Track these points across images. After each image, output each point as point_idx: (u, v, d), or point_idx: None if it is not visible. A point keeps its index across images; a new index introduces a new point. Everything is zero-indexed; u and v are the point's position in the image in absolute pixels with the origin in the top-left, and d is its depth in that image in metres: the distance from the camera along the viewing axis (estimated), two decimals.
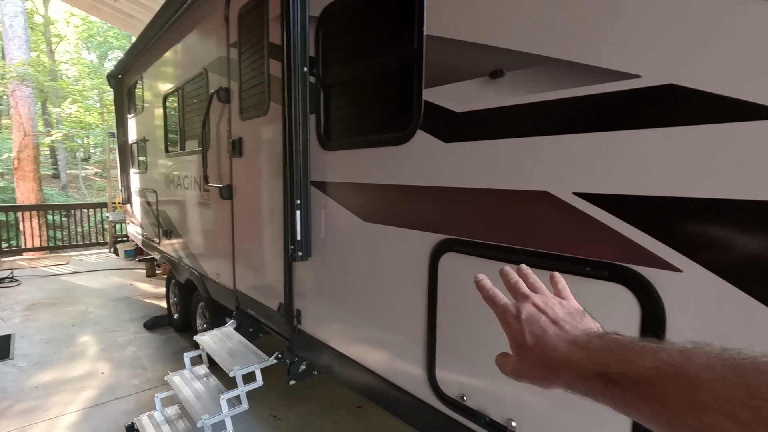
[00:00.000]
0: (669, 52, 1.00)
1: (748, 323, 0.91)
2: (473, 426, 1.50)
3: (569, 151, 1.19)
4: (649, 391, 0.41)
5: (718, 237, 0.95)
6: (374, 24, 1.88)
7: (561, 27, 1.19)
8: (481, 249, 1.44)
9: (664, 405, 0.40)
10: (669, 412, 0.40)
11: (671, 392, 0.40)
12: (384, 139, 1.81)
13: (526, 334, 0.57)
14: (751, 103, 0.89)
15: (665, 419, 0.41)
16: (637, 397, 0.43)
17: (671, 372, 0.41)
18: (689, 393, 0.39)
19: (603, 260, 1.13)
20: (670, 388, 0.40)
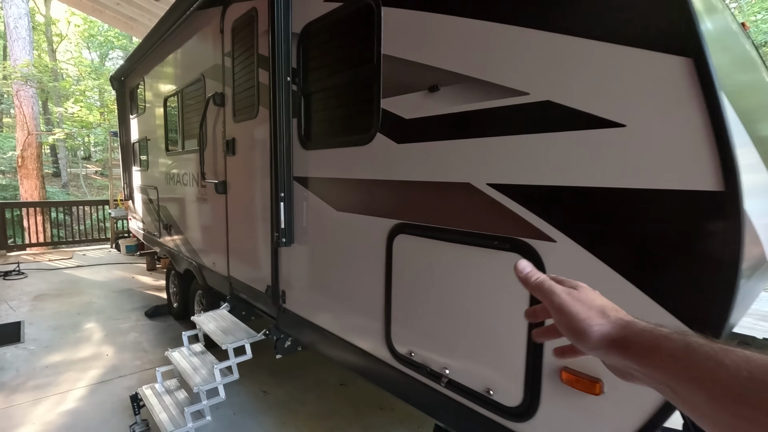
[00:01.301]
0: (547, 77, 1.32)
1: (598, 281, 1.23)
2: (419, 376, 1.83)
3: (484, 151, 1.51)
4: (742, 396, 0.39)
5: (577, 215, 1.27)
6: (343, 42, 2.20)
7: (478, 53, 1.51)
8: (424, 230, 1.76)
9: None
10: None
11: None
12: (351, 140, 2.13)
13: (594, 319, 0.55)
14: (598, 116, 1.21)
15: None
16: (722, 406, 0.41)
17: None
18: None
19: (506, 235, 1.46)
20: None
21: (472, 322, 1.59)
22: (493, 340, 1.52)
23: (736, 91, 1.25)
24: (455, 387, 1.67)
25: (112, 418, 3.21)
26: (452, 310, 1.67)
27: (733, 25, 1.94)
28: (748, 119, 1.32)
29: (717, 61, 1.10)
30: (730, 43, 1.60)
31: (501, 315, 1.49)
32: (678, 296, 1.09)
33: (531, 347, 1.41)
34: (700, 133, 1.02)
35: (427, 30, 1.70)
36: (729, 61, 1.40)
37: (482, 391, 1.57)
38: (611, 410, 1.23)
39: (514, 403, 1.47)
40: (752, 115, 1.41)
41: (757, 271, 1.38)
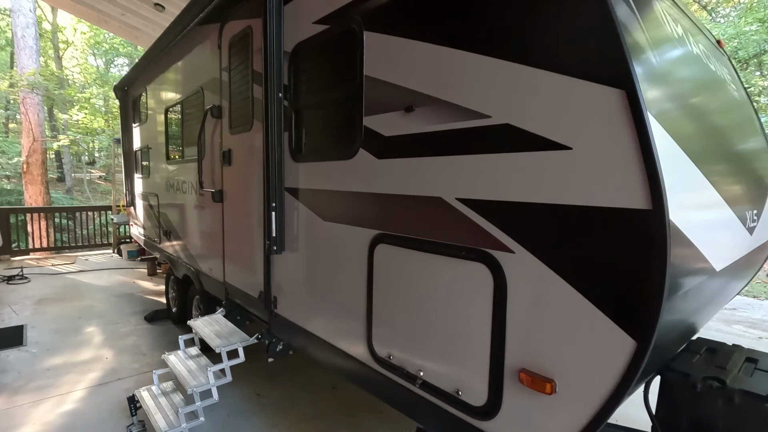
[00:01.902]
0: (507, 102, 1.44)
1: (549, 289, 1.35)
2: (396, 378, 1.94)
3: (453, 168, 1.63)
4: None
5: (532, 228, 1.39)
6: (330, 62, 2.34)
7: (447, 77, 1.64)
8: (401, 241, 1.89)
9: None
10: None
11: None
12: (337, 154, 2.26)
13: None
14: (549, 139, 1.33)
15: None
16: None
17: None
18: None
19: (472, 246, 1.57)
20: None
21: (443, 326, 1.71)
22: (461, 344, 1.64)
23: (677, 117, 1.37)
24: (428, 388, 1.78)
25: (109, 419, 3.32)
26: (425, 315, 1.79)
27: (696, 49, 2.06)
28: (692, 141, 1.44)
29: (656, 91, 1.23)
30: (682, 71, 1.72)
31: (467, 320, 1.61)
32: (615, 301, 1.20)
33: (494, 350, 1.52)
34: (632, 157, 1.14)
35: (403, 54, 1.83)
36: (674, 89, 1.52)
37: (452, 391, 1.68)
38: (562, 408, 1.34)
39: (480, 402, 1.58)
40: (698, 137, 1.54)
41: (704, 280, 1.50)
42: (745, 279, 2.74)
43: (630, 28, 1.27)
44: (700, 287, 1.49)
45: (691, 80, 1.80)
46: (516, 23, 1.42)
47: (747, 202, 2.00)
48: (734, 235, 1.81)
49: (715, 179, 1.58)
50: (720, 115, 2.00)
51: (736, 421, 1.91)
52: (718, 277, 1.72)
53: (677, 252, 1.16)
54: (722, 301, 2.54)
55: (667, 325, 1.26)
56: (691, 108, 1.63)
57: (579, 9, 1.24)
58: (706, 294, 1.72)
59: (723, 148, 1.87)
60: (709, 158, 1.60)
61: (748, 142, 2.38)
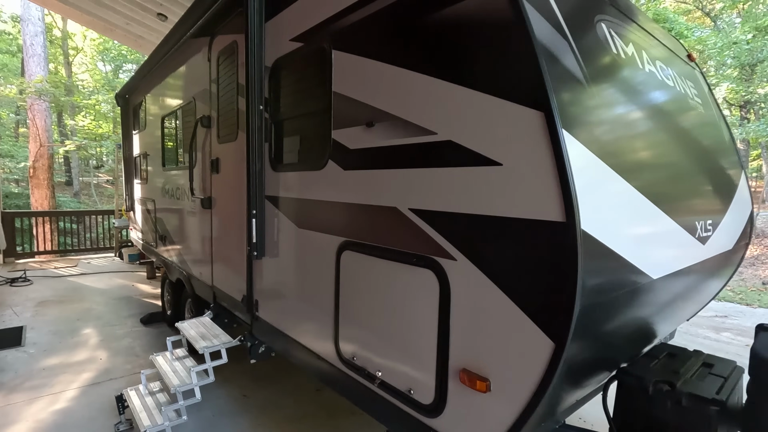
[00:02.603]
0: (450, 120, 1.55)
1: (484, 293, 1.45)
2: (359, 378, 2.04)
3: (406, 180, 1.74)
4: None
5: (470, 237, 1.49)
6: (304, 78, 2.46)
7: (401, 96, 1.75)
8: (363, 248, 1.99)
9: None
10: None
11: None
12: (310, 165, 2.38)
13: None
14: (484, 156, 1.44)
15: None
16: None
17: None
18: None
19: (422, 254, 1.68)
20: None
21: (398, 329, 1.81)
22: (413, 345, 1.74)
23: (605, 135, 1.48)
24: (386, 387, 1.88)
25: (99, 417, 3.44)
26: (383, 319, 1.89)
27: (649, 66, 2.16)
28: (624, 157, 1.54)
29: (580, 112, 1.33)
30: (620, 89, 1.81)
31: (418, 323, 1.71)
32: (536, 305, 1.30)
33: (440, 352, 1.62)
34: (549, 173, 1.24)
35: (366, 73, 1.95)
36: (606, 108, 1.63)
37: (405, 390, 1.78)
38: (496, 405, 1.44)
39: (428, 401, 1.68)
40: (633, 153, 1.64)
41: (637, 287, 1.59)
42: (710, 286, 2.81)
43: (556, 54, 1.38)
44: (633, 294, 1.58)
45: (632, 97, 1.89)
46: (457, 48, 1.54)
47: (696, 213, 2.09)
48: (679, 245, 1.90)
49: (653, 193, 1.68)
50: (669, 130, 2.10)
51: (684, 422, 2.00)
52: (661, 285, 1.81)
53: (593, 260, 1.26)
54: (684, 307, 2.62)
55: (591, 328, 1.35)
56: (628, 125, 1.73)
57: (505, 38, 1.35)
58: (649, 301, 1.81)
59: (667, 164, 1.96)
60: (646, 173, 1.70)
61: (705, 157, 2.47)
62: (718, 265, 2.60)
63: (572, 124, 1.31)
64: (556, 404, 1.66)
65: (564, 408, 1.96)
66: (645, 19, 2.63)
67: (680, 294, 2.30)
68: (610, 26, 1.93)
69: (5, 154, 18.77)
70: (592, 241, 1.25)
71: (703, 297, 2.94)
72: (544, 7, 1.44)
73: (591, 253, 1.25)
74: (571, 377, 1.47)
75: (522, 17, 1.30)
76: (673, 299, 2.22)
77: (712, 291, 3.01)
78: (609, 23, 1.94)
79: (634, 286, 1.56)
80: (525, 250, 1.33)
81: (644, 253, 1.57)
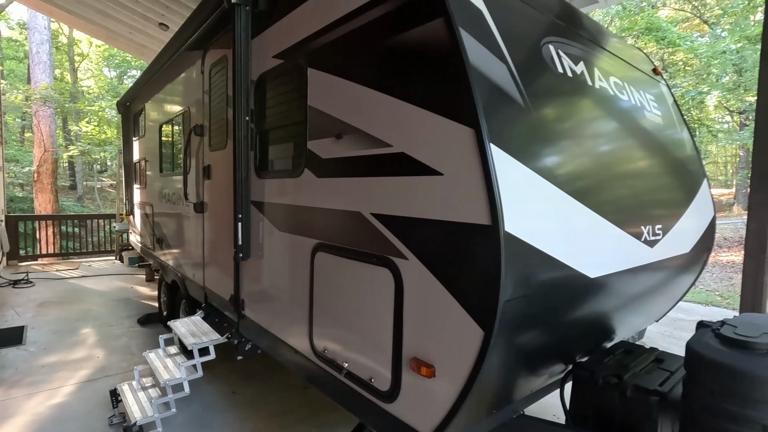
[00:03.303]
0: (402, 133, 1.74)
1: (428, 287, 1.62)
2: (329, 369, 2.21)
3: (368, 187, 1.92)
4: None
5: (418, 238, 1.67)
6: (284, 92, 2.66)
7: (364, 111, 1.94)
8: (333, 249, 2.17)
9: None
10: None
11: None
12: (289, 172, 2.57)
13: None
14: (429, 166, 1.62)
15: None
16: None
17: None
18: None
19: (380, 254, 1.86)
20: None
21: (361, 323, 1.99)
22: (373, 337, 1.91)
23: (538, 148, 1.65)
24: (351, 377, 2.05)
25: (94, 411, 3.61)
26: (349, 314, 2.07)
27: (600, 83, 2.34)
28: (559, 168, 1.72)
29: (511, 128, 1.51)
30: (560, 104, 1.99)
31: (378, 317, 1.88)
32: (470, 298, 1.48)
33: (395, 342, 1.79)
34: (478, 182, 1.42)
35: (335, 89, 2.14)
36: (541, 123, 1.80)
37: (367, 379, 1.95)
38: (439, 388, 1.61)
39: (386, 387, 1.85)
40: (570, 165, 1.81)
41: (572, 284, 1.76)
42: (672, 287, 2.97)
43: (490, 77, 1.56)
44: (569, 290, 1.75)
45: (573, 112, 2.07)
46: (407, 70, 1.72)
47: (641, 218, 2.26)
48: (619, 247, 2.06)
49: (589, 199, 1.85)
50: (615, 141, 2.27)
51: (628, 411, 2.16)
52: (603, 284, 1.98)
53: (517, 258, 1.43)
54: (645, 307, 2.78)
55: (522, 319, 1.52)
56: (565, 138, 1.91)
57: (444, 63, 1.54)
58: (592, 298, 1.97)
59: (608, 172, 2.14)
60: (583, 182, 1.87)
61: (657, 165, 2.64)
62: (675, 268, 2.77)
63: (502, 138, 1.48)
64: (500, 390, 1.83)
65: (518, 397, 2.12)
66: (607, 39, 2.81)
67: (634, 294, 2.47)
68: (560, 47, 2.12)
69: (10, 158, 19.10)
70: (517, 241, 1.42)
71: (666, 298, 3.10)
72: (483, 35, 1.62)
73: (515, 251, 1.42)
74: (509, 364, 1.63)
75: (457, 45, 1.48)
76: (625, 298, 2.38)
77: (676, 292, 3.17)
78: (559, 44, 2.12)
79: (569, 283, 1.73)
80: (461, 250, 1.50)
81: (577, 253, 1.74)
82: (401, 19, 1.73)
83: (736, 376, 1.76)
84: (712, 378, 1.85)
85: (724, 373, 1.80)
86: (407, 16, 1.70)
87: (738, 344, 1.84)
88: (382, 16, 1.83)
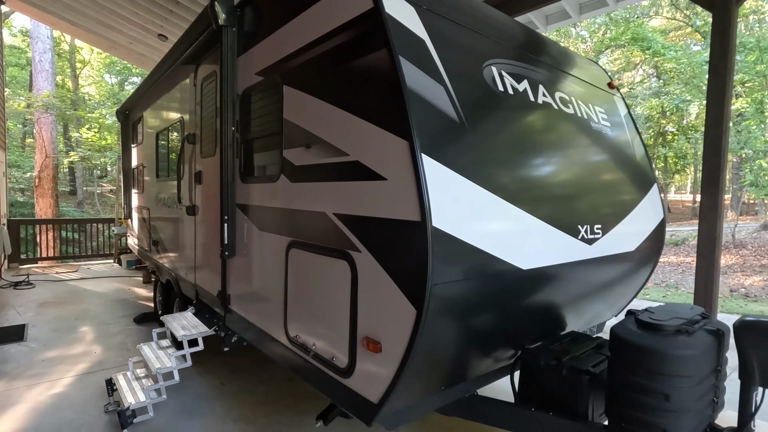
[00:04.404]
0: (356, 144, 2.03)
1: (377, 275, 1.90)
2: (300, 352, 2.49)
3: (331, 190, 2.21)
4: None
5: (368, 234, 1.95)
6: (264, 106, 2.95)
7: (328, 124, 2.23)
8: (303, 245, 2.46)
9: None
10: None
11: None
12: (268, 177, 2.86)
13: None
14: (377, 172, 1.91)
15: None
16: None
17: None
18: None
19: (340, 248, 2.14)
20: None
21: (325, 309, 2.26)
22: (334, 321, 2.19)
23: (467, 156, 1.94)
24: (317, 358, 2.32)
25: (91, 400, 3.88)
26: (315, 301, 2.35)
27: (543, 98, 2.64)
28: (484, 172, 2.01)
29: (443, 140, 1.80)
30: (495, 117, 2.28)
31: (338, 303, 2.16)
32: (407, 283, 1.76)
33: (351, 324, 2.07)
34: (412, 185, 1.71)
35: (305, 104, 2.44)
36: (474, 135, 2.09)
37: (330, 358, 2.23)
38: (385, 362, 1.88)
39: (344, 365, 2.12)
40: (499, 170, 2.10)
41: (503, 274, 2.04)
42: (622, 283, 3.25)
43: (426, 97, 1.85)
44: (501, 280, 2.03)
45: (510, 124, 2.35)
46: (360, 89, 2.02)
47: (577, 218, 2.54)
48: (553, 243, 2.34)
49: (521, 201, 2.14)
50: (554, 149, 2.56)
51: (564, 390, 2.43)
52: (538, 276, 2.26)
53: (444, 250, 1.71)
54: (595, 301, 3.06)
55: (453, 302, 1.80)
56: (499, 147, 2.20)
57: (386, 85, 1.83)
58: (528, 288, 2.26)
59: (544, 178, 2.42)
60: (515, 185, 2.15)
61: (600, 171, 2.93)
62: (619, 265, 3.04)
63: (435, 149, 1.77)
64: (444, 367, 2.10)
65: (470, 377, 2.40)
66: (560, 58, 3.11)
67: (578, 286, 2.74)
68: (503, 68, 2.42)
69: (12, 164, 19.43)
70: (444, 234, 1.70)
71: (617, 293, 3.37)
72: (422, 62, 1.92)
73: (442, 243, 1.70)
74: (447, 343, 1.91)
75: (396, 71, 1.77)
76: (569, 290, 2.66)
77: (627, 288, 3.44)
78: (502, 65, 2.42)
79: (501, 273, 2.01)
80: (400, 242, 1.78)
81: (508, 246, 2.02)
82: (355, 48, 2.03)
83: (645, 353, 2.04)
84: (627, 356, 2.13)
85: (636, 351, 2.08)
86: (359, 45, 2.00)
87: (650, 327, 2.13)
88: (341, 44, 2.13)
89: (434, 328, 1.77)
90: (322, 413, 2.60)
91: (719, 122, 3.74)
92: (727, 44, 3.70)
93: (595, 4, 5.56)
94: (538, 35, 3.20)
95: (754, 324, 2.00)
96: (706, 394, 2.08)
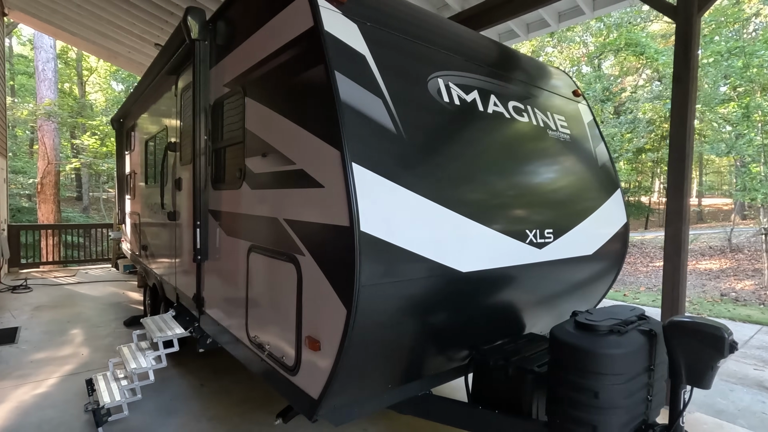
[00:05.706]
0: (300, 153, 2.14)
1: (314, 276, 2.01)
2: (258, 352, 2.59)
3: (282, 197, 2.33)
4: None
5: (309, 238, 2.06)
6: (230, 116, 3.08)
7: (279, 135, 2.35)
8: (260, 249, 2.57)
9: None
10: None
11: None
12: (233, 185, 2.98)
13: None
14: (317, 180, 2.02)
15: None
16: None
17: None
18: None
19: (288, 252, 2.25)
20: None
21: (277, 311, 2.37)
22: (283, 322, 2.30)
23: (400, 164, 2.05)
24: (271, 357, 2.43)
25: (73, 400, 4.00)
26: (269, 303, 2.46)
27: (493, 108, 2.74)
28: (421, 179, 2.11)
29: (374, 149, 1.92)
30: (438, 126, 2.38)
31: (287, 305, 2.27)
32: (340, 285, 1.86)
33: (297, 325, 2.18)
34: (343, 193, 1.82)
35: (261, 115, 2.56)
36: (408, 144, 2.19)
37: (280, 357, 2.33)
38: (323, 359, 1.99)
39: (292, 363, 2.23)
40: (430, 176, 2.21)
41: (439, 277, 2.14)
42: (581, 288, 3.32)
43: (361, 109, 1.97)
44: (439, 282, 2.13)
45: (454, 133, 2.45)
46: (301, 101, 2.14)
47: (525, 222, 2.63)
48: (497, 247, 2.44)
49: (460, 206, 2.24)
50: (502, 155, 2.66)
51: (511, 387, 2.52)
52: (481, 278, 2.35)
53: (373, 252, 1.82)
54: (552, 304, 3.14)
55: (383, 303, 1.90)
56: (438, 155, 2.30)
57: (322, 98, 1.95)
58: (471, 291, 2.35)
59: (490, 183, 2.52)
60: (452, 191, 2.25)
61: (555, 176, 3.02)
62: (576, 268, 3.13)
63: (367, 158, 1.88)
64: (384, 365, 2.20)
65: (422, 375, 2.49)
66: (520, 68, 3.21)
67: (529, 290, 2.83)
68: (450, 80, 2.53)
69: (18, 170, 19.80)
70: (372, 238, 1.81)
71: (579, 297, 3.45)
72: (360, 76, 2.03)
73: (371, 247, 1.81)
74: (383, 342, 2.01)
75: (331, 86, 1.89)
76: (519, 294, 2.75)
77: (589, 292, 3.52)
78: (449, 77, 2.53)
79: (438, 275, 2.11)
80: (333, 246, 1.89)
81: (443, 250, 2.12)
82: (299, 63, 2.15)
83: (576, 352, 2.13)
84: (562, 355, 2.22)
85: (569, 349, 2.16)
86: (302, 61, 2.12)
87: (585, 327, 2.21)
88: (289, 59, 2.25)
89: (366, 327, 1.87)
90: (281, 411, 2.70)
91: (683, 129, 3.81)
92: (689, 52, 3.78)
93: (573, 12, 5.66)
94: (497, 46, 3.31)
95: (682, 324, 2.08)
96: (637, 392, 2.16)
